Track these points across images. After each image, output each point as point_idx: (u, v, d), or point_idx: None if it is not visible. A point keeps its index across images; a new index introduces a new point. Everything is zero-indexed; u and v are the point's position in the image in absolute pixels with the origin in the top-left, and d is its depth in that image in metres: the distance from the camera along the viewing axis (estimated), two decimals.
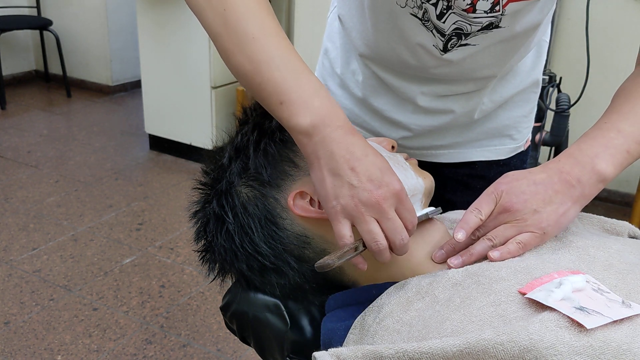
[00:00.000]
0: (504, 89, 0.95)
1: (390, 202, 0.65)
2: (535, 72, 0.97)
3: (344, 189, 0.65)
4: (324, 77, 1.04)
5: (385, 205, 0.64)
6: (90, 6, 4.30)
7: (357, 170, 0.65)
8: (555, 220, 0.69)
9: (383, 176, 0.65)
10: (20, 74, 4.61)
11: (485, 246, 0.69)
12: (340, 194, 0.65)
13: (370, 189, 0.64)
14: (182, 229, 2.64)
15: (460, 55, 0.84)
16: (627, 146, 0.71)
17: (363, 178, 0.64)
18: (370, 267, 0.74)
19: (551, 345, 0.52)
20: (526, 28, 0.83)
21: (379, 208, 0.64)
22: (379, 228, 0.65)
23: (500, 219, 0.69)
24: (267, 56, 0.68)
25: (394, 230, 0.65)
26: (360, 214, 0.65)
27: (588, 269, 0.63)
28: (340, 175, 0.65)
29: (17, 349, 1.90)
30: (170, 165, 3.32)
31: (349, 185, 0.65)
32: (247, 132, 0.77)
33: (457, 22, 0.79)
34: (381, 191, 0.64)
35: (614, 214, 0.54)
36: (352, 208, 0.65)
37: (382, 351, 0.57)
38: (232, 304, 0.80)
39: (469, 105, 0.93)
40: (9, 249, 2.45)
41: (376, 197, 0.64)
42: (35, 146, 3.50)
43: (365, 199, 0.64)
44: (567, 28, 2.82)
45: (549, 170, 0.70)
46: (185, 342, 1.96)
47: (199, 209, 0.79)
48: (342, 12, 0.95)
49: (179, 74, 3.16)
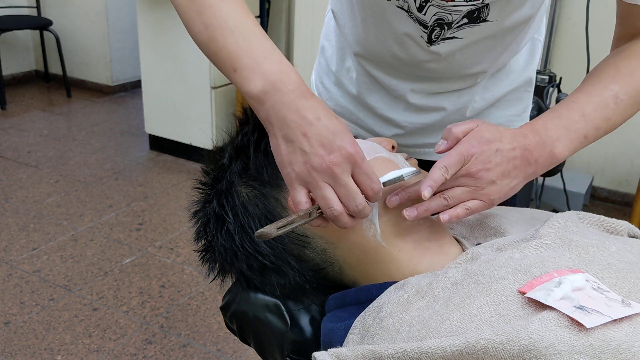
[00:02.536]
0: (496, 87, 0.95)
1: (343, 167, 0.63)
2: (528, 70, 0.97)
3: (297, 156, 0.64)
4: (320, 75, 1.05)
5: (337, 171, 0.63)
6: (90, 6, 4.30)
7: (308, 135, 0.63)
8: (504, 194, 0.71)
9: (335, 140, 0.63)
10: (20, 74, 4.61)
11: (440, 204, 0.69)
12: (293, 161, 0.64)
13: (321, 155, 0.63)
14: (182, 229, 2.64)
15: (448, 48, 0.84)
16: (586, 131, 0.75)
17: (315, 143, 0.63)
18: (369, 267, 0.74)
19: (551, 345, 0.52)
20: (516, 23, 0.83)
21: (331, 174, 0.63)
22: (333, 194, 0.64)
23: (460, 181, 0.69)
24: (221, 22, 0.68)
25: (348, 196, 0.64)
26: (314, 180, 0.64)
27: (588, 268, 0.63)
28: (293, 141, 0.64)
29: (17, 349, 1.90)
30: (170, 165, 3.32)
31: (301, 152, 0.64)
32: (248, 132, 0.77)
33: (437, 13, 0.80)
34: (333, 156, 0.63)
35: (614, 214, 0.55)
36: (305, 175, 0.64)
37: (382, 351, 0.57)
38: (232, 304, 0.80)
39: (460, 102, 0.94)
40: (9, 249, 2.45)
41: (327, 163, 0.63)
42: (35, 146, 3.50)
43: (317, 165, 0.63)
44: (567, 28, 2.82)
45: (516, 143, 0.71)
46: (185, 342, 1.96)
47: (199, 209, 0.79)
48: (335, 10, 0.96)
49: (179, 74, 3.16)
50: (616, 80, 0.77)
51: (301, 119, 0.64)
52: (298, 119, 0.64)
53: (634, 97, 0.77)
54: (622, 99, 0.76)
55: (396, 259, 0.73)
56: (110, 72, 4.43)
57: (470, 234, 0.81)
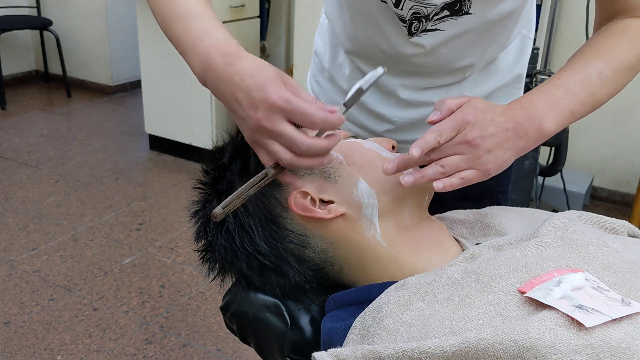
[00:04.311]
0: (485, 83, 0.96)
1: (272, 118, 0.63)
2: (517, 67, 0.98)
3: (241, 124, 0.67)
4: (315, 73, 1.07)
5: (267, 125, 0.63)
6: (90, 6, 4.30)
7: (239, 99, 0.65)
8: (498, 165, 0.71)
9: (258, 95, 0.63)
10: (20, 74, 4.61)
11: (436, 171, 0.69)
12: (242, 128, 0.67)
13: (251, 115, 0.64)
14: (182, 229, 2.64)
15: (431, 40, 0.85)
16: (573, 107, 0.75)
17: (245, 106, 0.64)
18: (369, 267, 0.74)
19: (550, 344, 0.52)
20: (499, 16, 0.84)
21: (265, 130, 0.63)
22: (277, 146, 0.64)
23: (457, 148, 0.69)
24: (171, 10, 0.72)
25: (290, 143, 0.64)
26: (260, 141, 0.65)
27: (587, 268, 0.63)
28: (233, 110, 0.66)
29: (17, 349, 1.90)
30: (170, 165, 3.32)
31: (240, 119, 0.66)
32: None
33: (413, 7, 0.81)
34: (259, 112, 0.63)
35: (614, 214, 0.55)
36: (252, 139, 0.66)
37: (382, 351, 0.57)
38: (232, 304, 0.80)
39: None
40: (9, 249, 2.45)
41: (256, 121, 0.63)
42: (35, 146, 3.50)
43: (253, 126, 0.64)
44: (567, 28, 2.82)
45: (507, 116, 0.71)
46: (185, 342, 1.96)
47: (199, 209, 0.79)
48: (326, 11, 0.98)
49: (179, 74, 3.16)
50: (598, 58, 0.77)
51: (231, 86, 0.65)
52: (230, 88, 0.65)
53: (617, 74, 0.77)
54: (607, 75, 0.76)
55: (396, 258, 0.73)
56: (110, 72, 4.43)
57: (470, 233, 0.81)
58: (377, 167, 0.75)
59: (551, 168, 2.49)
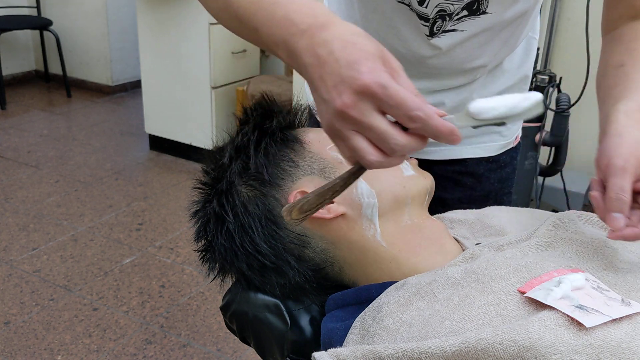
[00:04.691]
0: (493, 85, 0.96)
1: (360, 107, 0.51)
2: (523, 68, 0.99)
3: (321, 107, 0.54)
4: None
5: (354, 114, 0.51)
6: (90, 6, 4.30)
7: (324, 77, 0.52)
8: None
9: (347, 73, 0.51)
10: (20, 74, 4.61)
11: None
12: (322, 115, 0.54)
13: (334, 98, 0.51)
14: (182, 229, 2.64)
15: (449, 41, 0.84)
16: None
17: (330, 86, 0.52)
18: (369, 267, 0.74)
19: (550, 344, 0.52)
20: (513, 16, 0.84)
21: (350, 119, 0.51)
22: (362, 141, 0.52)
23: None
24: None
25: (379, 140, 0.52)
26: (340, 132, 0.53)
27: (587, 268, 0.63)
28: (316, 90, 0.54)
29: (17, 349, 1.90)
30: (170, 165, 3.32)
31: (322, 101, 0.53)
32: (248, 132, 0.77)
33: (439, 4, 0.80)
34: (344, 97, 0.51)
35: None
36: (331, 128, 0.54)
37: (382, 351, 0.57)
38: (232, 304, 0.80)
39: (459, 99, 0.94)
40: (9, 249, 2.45)
41: (340, 107, 0.51)
42: (35, 146, 3.50)
43: (335, 112, 0.52)
44: (567, 28, 2.82)
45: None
46: (185, 342, 1.96)
47: (199, 209, 0.79)
48: (331, 8, 0.95)
49: (179, 74, 3.16)
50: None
51: (316, 59, 0.53)
52: (314, 61, 0.53)
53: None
54: None
55: (396, 258, 0.73)
56: (110, 72, 4.43)
57: (470, 233, 0.81)
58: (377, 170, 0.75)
59: (551, 168, 2.49)
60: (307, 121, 0.86)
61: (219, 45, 3.06)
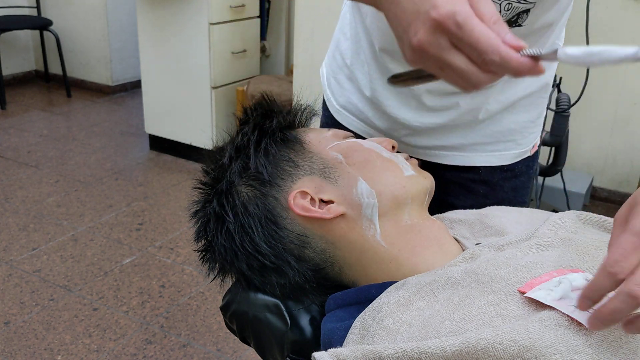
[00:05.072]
0: (511, 90, 0.94)
1: (436, 43, 0.50)
2: (545, 76, 0.96)
3: (401, 40, 0.54)
4: (334, 69, 1.03)
5: (433, 51, 0.50)
6: (90, 6, 4.30)
7: (399, 15, 0.53)
8: None
9: (423, 6, 0.50)
10: (20, 74, 4.61)
11: None
12: (403, 52, 0.54)
13: (410, 37, 0.51)
14: (182, 229, 2.64)
15: None
16: None
17: (404, 25, 0.52)
18: (369, 267, 0.74)
19: (551, 344, 0.52)
20: (541, 26, 0.83)
21: (428, 56, 0.51)
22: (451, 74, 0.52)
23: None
24: None
25: (457, 79, 0.52)
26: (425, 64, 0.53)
27: (587, 268, 0.63)
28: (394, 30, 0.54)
29: (17, 349, 1.90)
30: (170, 165, 3.32)
31: (398, 37, 0.54)
32: (248, 132, 0.77)
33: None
34: (420, 35, 0.50)
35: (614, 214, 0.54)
36: (415, 64, 0.53)
37: (382, 351, 0.57)
38: (232, 304, 0.80)
39: (474, 103, 0.93)
40: (9, 249, 2.45)
41: (417, 44, 0.51)
42: (35, 146, 3.50)
43: (413, 47, 0.51)
44: (567, 28, 2.82)
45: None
46: (185, 342, 1.96)
47: (199, 209, 0.79)
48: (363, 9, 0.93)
49: (179, 74, 3.16)
50: None
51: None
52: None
53: None
54: None
55: (396, 258, 0.73)
56: (110, 72, 4.43)
57: (470, 233, 0.81)
58: (377, 167, 0.75)
59: (551, 168, 2.49)
60: (307, 121, 0.86)
61: (219, 45, 3.06)
